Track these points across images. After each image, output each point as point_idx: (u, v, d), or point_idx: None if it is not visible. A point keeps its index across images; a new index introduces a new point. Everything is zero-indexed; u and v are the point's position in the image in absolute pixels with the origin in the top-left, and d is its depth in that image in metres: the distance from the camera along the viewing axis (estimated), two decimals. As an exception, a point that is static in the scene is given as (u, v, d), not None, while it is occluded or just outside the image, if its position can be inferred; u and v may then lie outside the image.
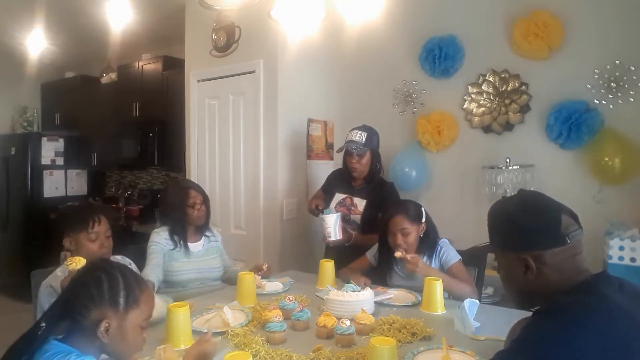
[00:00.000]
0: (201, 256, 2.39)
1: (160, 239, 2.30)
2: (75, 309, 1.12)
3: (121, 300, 1.14)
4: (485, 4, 3.05)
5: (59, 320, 1.13)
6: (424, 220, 2.20)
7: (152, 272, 2.18)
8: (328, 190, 2.81)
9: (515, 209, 1.15)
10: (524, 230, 1.11)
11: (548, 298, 1.07)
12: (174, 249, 2.31)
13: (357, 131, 2.64)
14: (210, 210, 2.48)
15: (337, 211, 2.60)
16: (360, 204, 2.64)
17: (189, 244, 2.37)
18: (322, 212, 2.53)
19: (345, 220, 2.61)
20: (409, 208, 2.19)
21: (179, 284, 2.28)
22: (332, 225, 2.44)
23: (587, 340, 0.93)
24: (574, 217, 1.13)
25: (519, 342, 1.03)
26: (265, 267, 2.32)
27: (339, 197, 2.72)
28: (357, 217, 2.63)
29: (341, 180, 2.77)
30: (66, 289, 1.18)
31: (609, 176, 2.59)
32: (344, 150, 2.69)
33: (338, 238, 2.47)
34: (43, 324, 1.09)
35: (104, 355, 1.19)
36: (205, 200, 2.42)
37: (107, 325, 1.12)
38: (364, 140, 2.59)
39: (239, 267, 2.55)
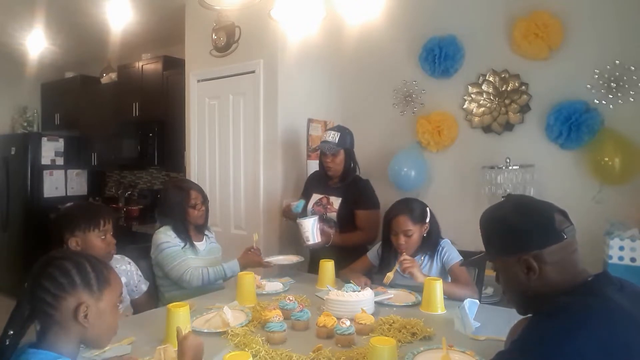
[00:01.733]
0: (206, 254, 2.42)
1: (170, 238, 2.31)
2: (45, 304, 1.08)
3: (93, 282, 1.13)
4: (485, 4, 3.05)
5: (27, 323, 1.09)
6: (427, 220, 2.20)
7: (196, 269, 2.24)
8: (306, 193, 2.87)
9: (508, 213, 1.16)
10: (519, 231, 1.12)
11: (550, 300, 1.07)
12: (183, 246, 2.32)
13: (331, 132, 2.73)
14: (209, 210, 2.49)
15: (314, 211, 2.67)
16: (335, 202, 2.70)
17: (194, 243, 2.38)
18: (294, 210, 2.62)
19: (322, 218, 2.66)
20: (413, 208, 2.18)
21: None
22: (310, 229, 2.47)
23: (588, 341, 0.93)
24: (564, 214, 1.14)
25: (519, 343, 1.02)
26: (255, 242, 2.40)
27: (315, 197, 2.78)
28: (333, 215, 2.69)
29: (318, 181, 2.85)
30: (28, 288, 1.11)
31: (609, 176, 2.59)
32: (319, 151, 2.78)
33: (317, 241, 2.49)
34: (11, 332, 1.06)
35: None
36: (205, 200, 2.43)
37: (85, 309, 1.10)
38: (337, 140, 2.67)
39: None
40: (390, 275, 2.10)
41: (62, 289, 1.09)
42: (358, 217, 2.66)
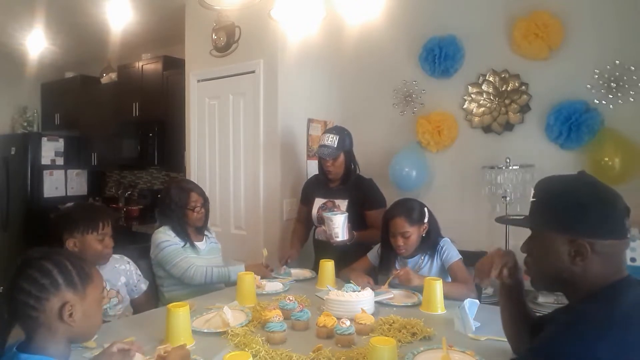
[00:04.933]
0: (206, 254, 2.42)
1: (170, 237, 2.31)
2: (28, 307, 1.06)
3: (76, 280, 1.12)
4: (485, 4, 3.05)
5: (8, 328, 1.08)
6: (426, 220, 2.19)
7: (201, 266, 2.26)
8: (306, 201, 2.82)
9: (582, 190, 1.06)
10: (590, 215, 1.02)
11: (576, 292, 1.04)
12: (183, 245, 2.33)
13: (329, 134, 2.65)
14: (209, 210, 2.50)
15: (318, 215, 2.61)
16: (342, 204, 2.64)
17: (194, 243, 2.39)
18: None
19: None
20: (410, 209, 2.16)
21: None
22: (340, 226, 2.41)
23: (609, 353, 0.90)
24: (629, 212, 1.06)
25: (534, 352, 0.99)
26: (264, 258, 2.40)
27: (319, 201, 2.72)
28: None
29: (317, 185, 2.78)
30: (7, 292, 1.08)
31: (609, 176, 2.59)
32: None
33: (345, 238, 2.44)
34: None
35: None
36: (205, 203, 2.43)
37: (70, 309, 1.09)
38: (336, 143, 2.59)
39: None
40: (386, 286, 2.08)
41: (44, 291, 1.07)
42: (369, 217, 2.61)
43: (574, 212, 1.04)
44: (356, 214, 2.60)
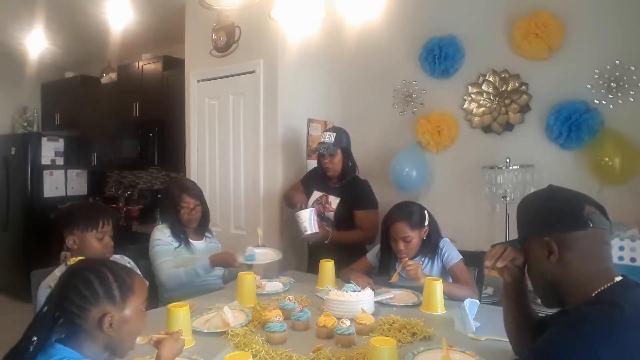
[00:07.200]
0: (203, 253, 2.42)
1: (164, 236, 2.33)
2: (71, 314, 1.11)
3: (116, 292, 1.14)
4: (485, 4, 3.05)
5: (52, 330, 1.11)
6: (426, 223, 2.18)
7: (174, 272, 2.27)
8: (307, 186, 2.91)
9: (541, 196, 1.20)
10: (545, 211, 1.14)
11: (571, 297, 1.06)
12: (178, 246, 2.34)
13: (326, 133, 2.79)
14: (209, 211, 2.51)
15: (314, 208, 2.71)
16: (334, 201, 2.75)
17: (191, 241, 2.40)
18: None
19: (321, 217, 2.71)
20: (411, 213, 2.15)
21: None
22: (307, 220, 2.55)
23: (611, 354, 0.91)
24: (601, 209, 1.12)
25: (537, 353, 1.00)
26: (260, 239, 2.45)
27: (316, 194, 2.84)
28: (331, 215, 2.74)
29: (317, 179, 2.89)
30: (53, 296, 1.14)
31: (609, 176, 2.59)
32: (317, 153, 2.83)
33: (314, 231, 2.56)
34: (34, 338, 1.07)
35: None
36: (202, 204, 2.44)
37: (110, 319, 1.12)
38: (333, 140, 2.71)
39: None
40: (395, 277, 2.12)
41: (86, 301, 1.11)
42: (357, 217, 2.69)
43: (535, 214, 1.17)
44: (347, 214, 2.70)
